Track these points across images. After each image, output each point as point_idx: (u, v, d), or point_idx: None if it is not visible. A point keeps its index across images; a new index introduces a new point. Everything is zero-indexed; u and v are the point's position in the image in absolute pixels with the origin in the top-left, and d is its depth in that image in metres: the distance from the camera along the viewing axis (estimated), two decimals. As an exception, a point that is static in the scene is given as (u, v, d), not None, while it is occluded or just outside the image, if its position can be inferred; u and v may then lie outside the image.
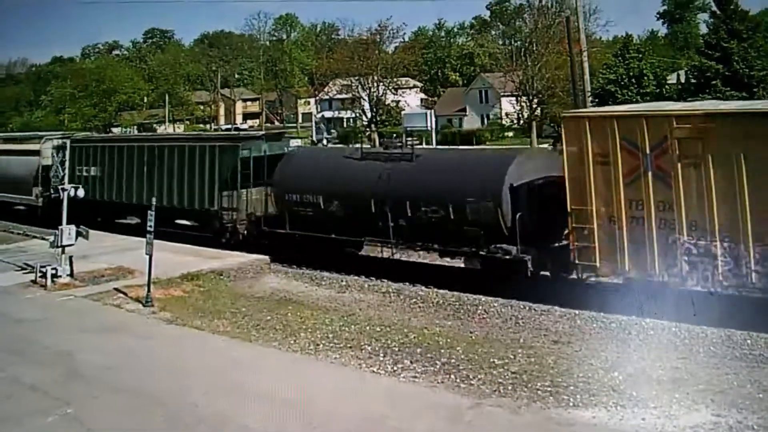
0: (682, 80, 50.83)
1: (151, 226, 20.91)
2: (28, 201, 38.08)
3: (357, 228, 24.81)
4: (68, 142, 31.48)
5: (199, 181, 29.65)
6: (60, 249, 23.26)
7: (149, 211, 21.26)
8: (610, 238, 19.22)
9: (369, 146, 29.46)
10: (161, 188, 30.85)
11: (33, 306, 21.01)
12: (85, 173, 34.69)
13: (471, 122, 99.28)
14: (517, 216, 20.88)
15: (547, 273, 21.50)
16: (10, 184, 39.31)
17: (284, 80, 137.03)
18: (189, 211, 30.63)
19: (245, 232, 28.03)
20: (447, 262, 24.58)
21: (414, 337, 17.31)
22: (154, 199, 22.92)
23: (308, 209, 25.74)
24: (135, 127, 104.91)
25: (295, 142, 31.52)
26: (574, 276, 20.51)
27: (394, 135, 56.30)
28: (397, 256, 25.61)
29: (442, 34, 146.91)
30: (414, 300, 21.66)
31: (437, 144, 74.35)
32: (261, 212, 27.68)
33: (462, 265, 23.89)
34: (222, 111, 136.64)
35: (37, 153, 37.65)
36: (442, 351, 16.18)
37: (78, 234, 23.42)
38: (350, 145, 43.88)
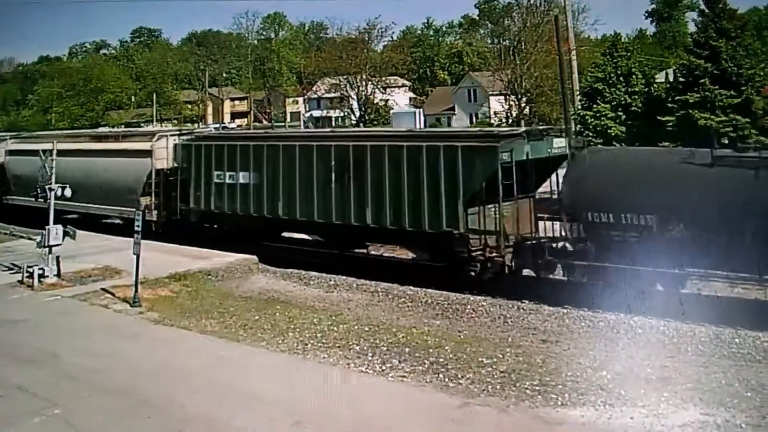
0: (671, 79, 50.82)
1: (138, 226, 20.78)
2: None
3: (709, 259, 18.96)
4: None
5: (429, 192, 22.56)
6: (47, 249, 23.12)
7: (136, 211, 21.09)
8: None
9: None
10: (361, 201, 24.25)
11: (19, 306, 20.89)
12: (229, 180, 28.07)
13: (459, 121, 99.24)
14: None
15: None
16: (107, 193, 31.69)
17: (272, 79, 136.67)
18: (408, 234, 23.56)
19: (511, 263, 21.74)
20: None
21: (402, 337, 17.28)
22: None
23: (630, 233, 19.45)
24: (122, 125, 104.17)
25: (558, 142, 23.81)
26: None
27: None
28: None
29: (431, 32, 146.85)
30: (402, 299, 21.64)
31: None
32: (514, 233, 22.00)
33: None
34: (210, 110, 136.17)
35: (147, 153, 31.01)
36: (431, 350, 16.14)
37: (65, 234, 23.29)
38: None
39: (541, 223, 22.89)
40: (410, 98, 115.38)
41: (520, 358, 15.58)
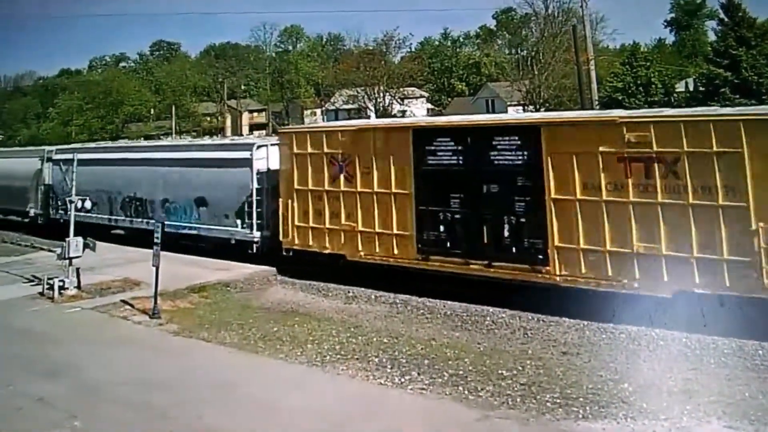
0: (691, 88, 50.76)
1: (157, 237, 20.86)
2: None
3: None
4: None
5: None
6: (67, 261, 23.24)
7: (156, 223, 21.12)
8: None
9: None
10: None
11: (40, 318, 20.98)
12: None
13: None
14: None
15: None
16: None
17: (290, 91, 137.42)
18: None
19: None
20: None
21: (421, 349, 17.22)
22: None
23: None
24: (142, 138, 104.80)
25: None
26: None
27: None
28: None
29: (448, 43, 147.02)
30: (421, 311, 21.51)
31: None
32: None
33: None
34: (228, 122, 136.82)
35: None
36: (450, 362, 16.09)
37: (85, 246, 23.40)
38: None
39: None
40: (428, 109, 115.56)
41: (541, 370, 15.50)
